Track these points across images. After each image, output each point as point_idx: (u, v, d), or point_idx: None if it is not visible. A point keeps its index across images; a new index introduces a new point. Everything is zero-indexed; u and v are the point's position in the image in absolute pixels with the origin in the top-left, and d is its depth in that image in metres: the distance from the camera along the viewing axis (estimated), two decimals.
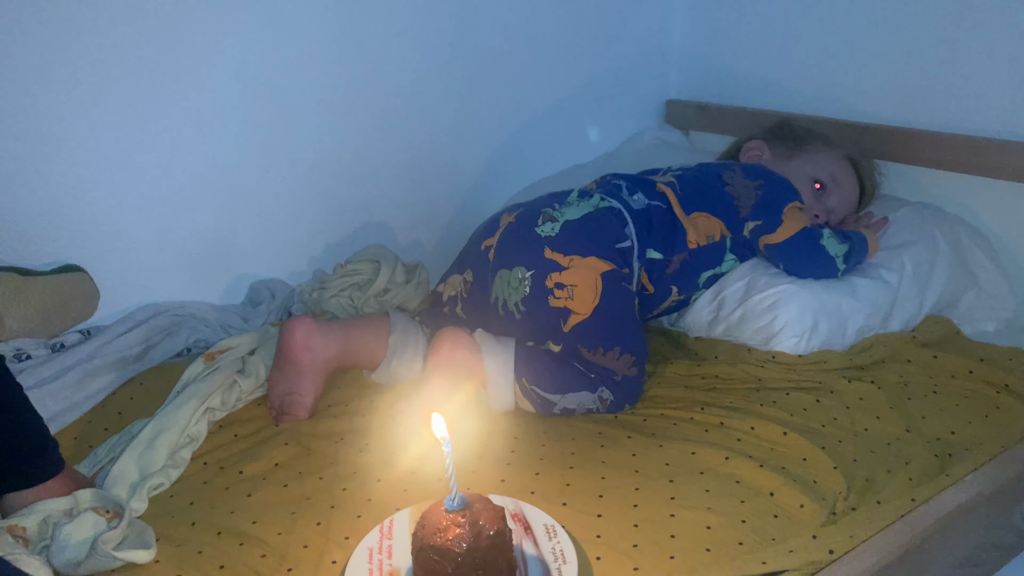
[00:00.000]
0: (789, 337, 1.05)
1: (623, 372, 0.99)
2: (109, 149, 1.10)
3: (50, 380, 1.00)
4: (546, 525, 0.74)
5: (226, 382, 0.99)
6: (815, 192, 1.22)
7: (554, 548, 0.71)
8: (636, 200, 1.10)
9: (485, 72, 1.42)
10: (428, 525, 0.63)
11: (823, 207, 1.23)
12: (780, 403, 0.97)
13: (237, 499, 0.83)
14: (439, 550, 0.61)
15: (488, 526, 0.62)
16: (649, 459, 0.88)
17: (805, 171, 1.23)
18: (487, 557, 0.62)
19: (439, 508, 0.63)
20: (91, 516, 0.76)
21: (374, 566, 0.69)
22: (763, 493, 0.82)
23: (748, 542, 0.76)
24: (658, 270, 1.08)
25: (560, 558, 0.70)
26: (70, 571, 0.74)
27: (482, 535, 0.62)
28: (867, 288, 1.10)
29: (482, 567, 0.62)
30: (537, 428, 0.95)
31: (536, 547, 0.71)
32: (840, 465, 0.87)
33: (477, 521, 0.62)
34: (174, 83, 1.12)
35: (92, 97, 1.07)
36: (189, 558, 0.75)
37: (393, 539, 0.72)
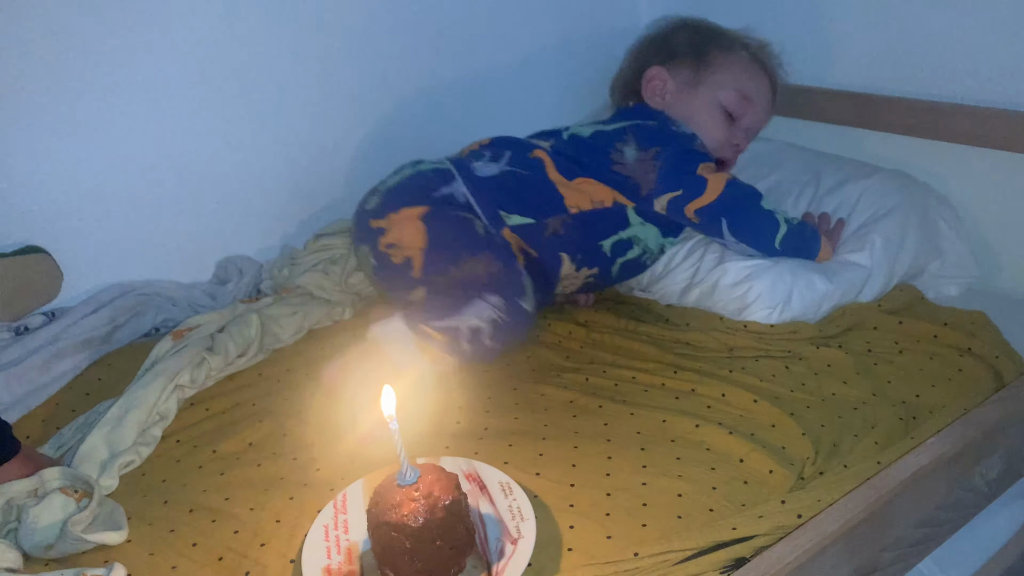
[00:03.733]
0: (762, 308, 1.06)
1: (488, 271, 0.98)
2: (67, 126, 1.07)
3: (14, 363, 0.98)
4: (501, 483, 0.74)
5: (195, 359, 0.98)
6: (727, 122, 1.16)
7: (511, 505, 0.72)
8: (486, 167, 1.10)
9: (451, 44, 1.40)
10: (382, 502, 0.63)
11: (741, 134, 1.18)
12: (749, 369, 0.98)
13: (210, 477, 0.83)
14: (396, 526, 0.61)
15: (443, 496, 0.63)
16: (621, 428, 0.89)
17: (716, 99, 1.15)
18: (444, 527, 0.63)
19: (391, 483, 0.64)
20: (59, 497, 0.75)
21: (331, 543, 0.69)
22: (733, 460, 0.84)
23: (719, 508, 0.77)
24: (534, 234, 1.07)
25: (517, 515, 0.71)
26: (40, 554, 0.73)
27: (437, 506, 0.62)
28: (846, 270, 1.10)
29: (440, 536, 0.62)
30: (509, 401, 0.96)
31: (492, 505, 0.72)
32: (808, 431, 0.88)
33: (431, 493, 0.63)
34: (132, 58, 1.09)
35: (48, 74, 1.04)
36: (162, 537, 0.75)
37: (348, 513, 0.72)
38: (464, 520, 0.65)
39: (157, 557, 0.72)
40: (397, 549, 0.62)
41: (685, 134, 1.13)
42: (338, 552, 0.68)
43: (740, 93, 1.16)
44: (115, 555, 0.73)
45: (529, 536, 0.68)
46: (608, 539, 0.73)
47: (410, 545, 0.62)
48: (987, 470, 0.87)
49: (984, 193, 1.24)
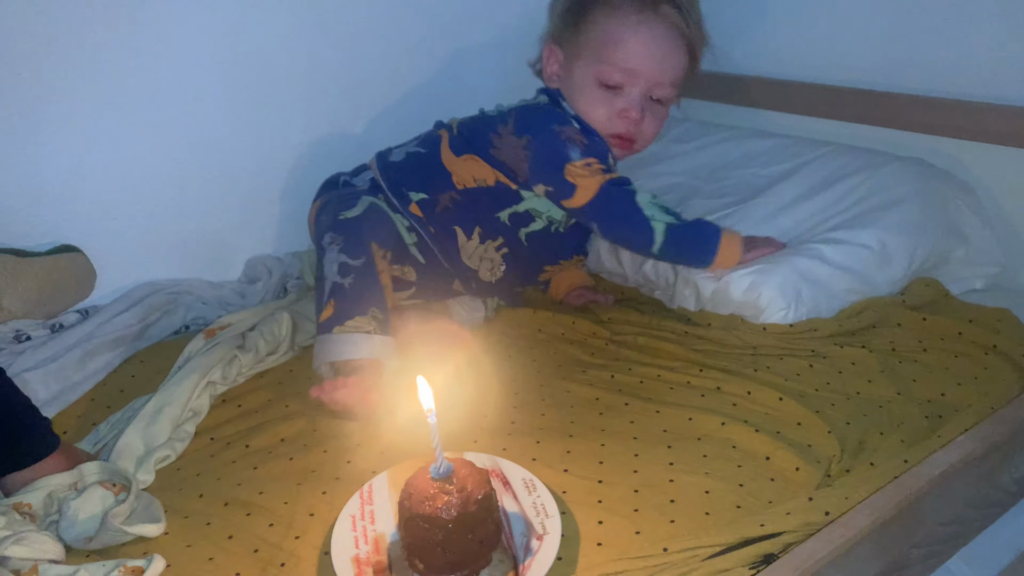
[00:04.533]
0: (777, 311, 1.06)
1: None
2: (99, 131, 1.09)
3: (50, 360, 1.00)
4: (524, 480, 0.74)
5: (226, 356, 1.00)
6: (608, 95, 1.06)
7: (535, 502, 0.72)
8: (398, 151, 1.15)
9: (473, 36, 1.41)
10: (415, 494, 0.63)
11: (631, 104, 1.06)
12: (774, 368, 0.98)
13: (243, 471, 0.84)
14: (429, 518, 0.62)
15: (476, 491, 0.64)
16: (647, 426, 0.90)
17: (590, 73, 1.06)
18: (476, 521, 0.63)
19: (425, 476, 0.64)
20: (98, 490, 0.77)
21: (359, 533, 0.70)
22: (759, 457, 0.84)
23: (746, 505, 0.78)
24: (429, 209, 1.09)
25: (542, 511, 0.71)
26: (81, 546, 0.75)
27: (470, 500, 0.63)
28: (840, 254, 1.10)
29: (472, 530, 0.63)
30: (535, 398, 0.97)
31: (517, 503, 0.72)
32: (834, 428, 0.88)
33: (465, 487, 0.63)
34: (162, 60, 1.11)
35: (80, 77, 1.06)
36: (198, 529, 0.76)
37: (374, 504, 0.73)
38: (493, 515, 0.66)
39: (194, 549, 0.74)
40: (429, 541, 0.63)
41: (563, 121, 1.07)
42: (366, 542, 0.69)
43: (616, 63, 1.04)
44: (153, 547, 0.74)
45: (555, 532, 0.69)
46: (637, 534, 0.74)
47: (442, 537, 0.62)
48: (1015, 468, 0.87)
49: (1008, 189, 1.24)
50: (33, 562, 0.70)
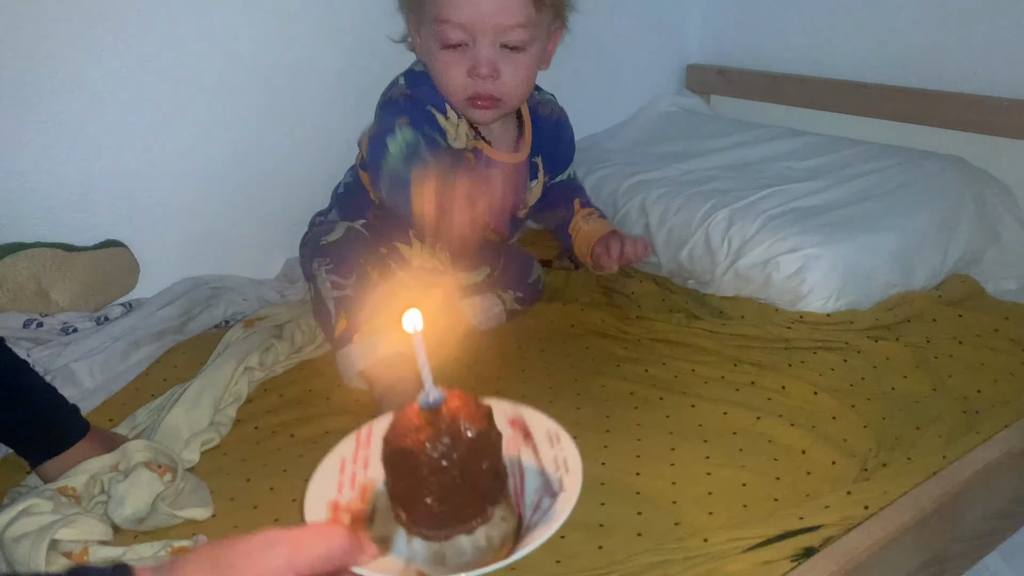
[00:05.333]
0: (817, 299, 1.06)
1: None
2: (144, 127, 1.11)
3: (96, 352, 1.03)
4: (549, 432, 0.62)
5: (264, 344, 1.02)
6: (455, 56, 0.95)
7: (556, 456, 0.60)
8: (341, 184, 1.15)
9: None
10: (399, 426, 0.54)
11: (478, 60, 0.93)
12: (808, 362, 0.99)
13: (289, 460, 0.86)
14: (411, 454, 0.52)
15: (469, 425, 0.53)
16: (682, 420, 0.90)
17: (433, 38, 0.95)
18: (466, 461, 0.52)
19: (413, 407, 0.55)
20: (144, 472, 0.79)
21: (345, 477, 0.59)
22: (795, 451, 0.85)
23: (783, 498, 0.78)
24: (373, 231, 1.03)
25: (563, 466, 0.58)
26: (131, 527, 0.77)
27: (461, 436, 0.52)
28: (889, 243, 1.10)
29: (461, 471, 0.52)
30: (571, 392, 0.98)
31: (536, 455, 0.60)
32: (869, 423, 0.89)
33: (456, 420, 0.53)
34: (208, 60, 1.13)
35: (126, 73, 1.08)
36: (244, 512, 0.78)
37: (371, 448, 0.61)
38: (493, 459, 0.54)
39: (240, 530, 0.75)
40: (411, 482, 0.52)
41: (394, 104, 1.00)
42: (351, 487, 0.58)
43: (449, 19, 0.93)
44: (200, 528, 0.76)
45: (572, 490, 0.55)
46: (676, 525, 0.75)
47: (427, 479, 0.52)
48: None
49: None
50: (83, 544, 0.71)
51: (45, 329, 1.05)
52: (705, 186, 1.25)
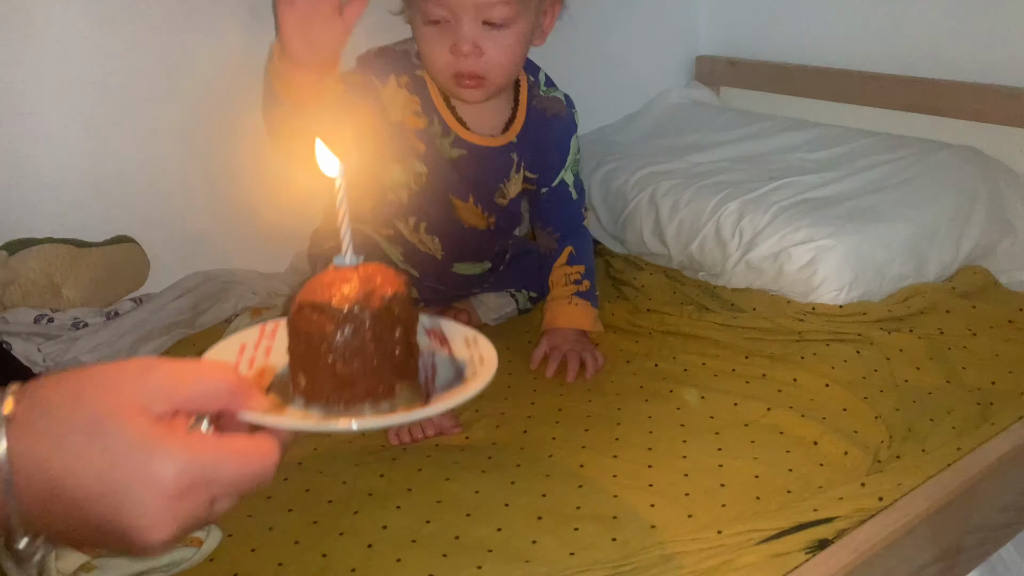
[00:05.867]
0: (829, 291, 1.06)
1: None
2: (153, 124, 1.11)
3: (105, 346, 1.03)
4: (467, 337, 0.57)
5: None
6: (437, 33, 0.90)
7: (472, 356, 0.55)
8: None
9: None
10: (310, 286, 0.50)
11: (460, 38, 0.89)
12: (820, 354, 0.98)
13: (302, 450, 0.86)
14: (319, 307, 0.48)
15: (384, 288, 0.49)
16: (693, 413, 0.90)
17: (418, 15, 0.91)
18: (378, 322, 0.48)
19: (328, 269, 0.51)
20: None
21: (244, 359, 0.54)
22: (807, 443, 0.84)
23: (796, 490, 0.78)
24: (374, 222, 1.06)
25: (477, 362, 0.54)
26: None
27: (375, 294, 0.49)
28: (901, 235, 1.10)
29: (372, 332, 0.48)
30: (580, 385, 0.97)
31: (451, 355, 0.56)
32: (881, 414, 0.88)
33: (372, 278, 0.49)
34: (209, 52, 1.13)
35: (136, 68, 1.08)
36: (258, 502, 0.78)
37: (276, 340, 0.56)
38: (405, 329, 0.50)
39: (255, 519, 0.76)
40: (315, 340, 0.48)
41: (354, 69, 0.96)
42: (249, 367, 0.53)
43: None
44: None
45: (485, 375, 0.51)
46: (689, 517, 0.75)
47: (332, 330, 0.48)
48: None
49: None
50: None
51: (56, 324, 1.06)
52: (715, 178, 1.25)
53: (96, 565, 0.68)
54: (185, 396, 0.40)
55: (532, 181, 1.05)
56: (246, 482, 0.41)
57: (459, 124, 0.97)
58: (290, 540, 0.73)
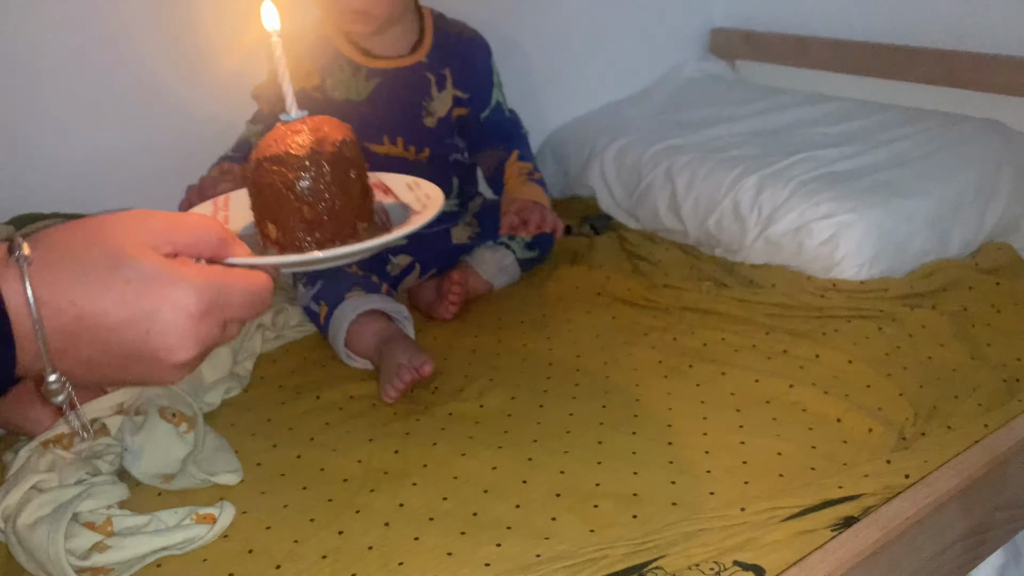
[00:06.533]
0: (850, 267, 1.04)
1: None
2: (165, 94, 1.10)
3: None
4: (408, 183, 0.61)
5: (276, 306, 1.04)
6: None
7: (418, 196, 0.59)
8: None
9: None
10: (263, 144, 0.53)
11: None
12: (842, 331, 0.96)
13: (315, 425, 0.86)
14: (278, 158, 0.51)
15: (334, 133, 0.53)
16: (714, 389, 0.89)
17: None
18: (336, 166, 0.52)
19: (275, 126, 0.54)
20: (160, 424, 0.78)
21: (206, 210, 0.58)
22: (830, 420, 0.83)
23: (820, 467, 0.77)
24: None
25: (424, 200, 0.59)
26: (155, 483, 0.76)
27: (327, 140, 0.52)
28: (924, 209, 1.07)
29: (333, 177, 0.52)
30: (598, 360, 0.96)
31: (397, 199, 0.60)
32: (906, 392, 0.86)
33: (320, 127, 0.53)
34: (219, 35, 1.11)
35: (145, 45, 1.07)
36: (272, 480, 0.78)
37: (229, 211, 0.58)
38: (359, 172, 0.54)
39: (269, 496, 0.75)
40: (279, 189, 0.51)
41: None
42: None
43: None
44: (227, 492, 0.75)
45: (435, 206, 0.56)
46: (711, 495, 0.73)
47: (294, 179, 0.51)
48: None
49: None
50: (106, 515, 0.70)
51: None
52: (732, 152, 1.22)
53: (110, 545, 0.67)
54: (183, 241, 0.43)
55: (466, 102, 1.10)
56: (250, 307, 0.44)
57: (366, 56, 1.04)
58: (305, 518, 0.72)
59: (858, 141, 1.22)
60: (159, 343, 0.40)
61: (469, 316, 1.08)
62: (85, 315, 0.39)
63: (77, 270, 0.39)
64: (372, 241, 0.52)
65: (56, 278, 0.39)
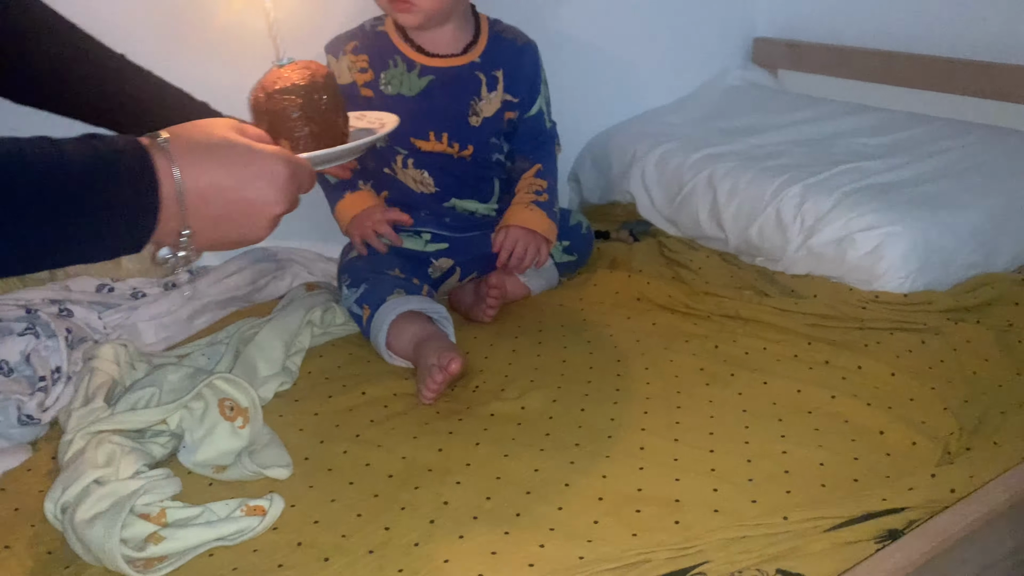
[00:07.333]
0: (894, 279, 1.03)
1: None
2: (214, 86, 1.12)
3: (163, 315, 1.05)
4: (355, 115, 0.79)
5: (325, 305, 1.06)
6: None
7: (371, 120, 0.79)
8: None
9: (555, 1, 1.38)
10: (265, 82, 0.70)
11: None
12: (885, 343, 0.96)
13: (360, 422, 0.87)
14: (284, 89, 0.69)
15: (320, 69, 0.71)
16: (756, 398, 0.89)
17: None
18: (327, 92, 0.70)
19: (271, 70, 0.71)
20: (221, 423, 0.80)
21: None
22: (872, 432, 0.83)
23: (863, 479, 0.76)
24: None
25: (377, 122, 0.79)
26: (206, 472, 0.79)
27: (317, 74, 0.71)
28: (970, 222, 1.07)
29: (328, 99, 0.70)
30: (639, 366, 0.96)
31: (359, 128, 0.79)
32: (950, 406, 0.86)
33: (308, 67, 0.71)
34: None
35: (207, 48, 1.09)
36: (319, 474, 0.79)
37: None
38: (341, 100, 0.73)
39: (316, 491, 0.77)
40: (288, 113, 0.69)
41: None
42: None
43: None
44: (275, 485, 0.77)
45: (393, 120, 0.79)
46: (753, 503, 0.73)
47: (301, 101, 0.69)
48: None
49: None
50: (160, 506, 0.72)
51: (116, 294, 1.07)
52: (775, 161, 1.22)
53: (165, 536, 0.69)
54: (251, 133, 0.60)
55: (516, 106, 1.12)
56: (309, 181, 0.63)
57: (420, 53, 1.06)
58: (352, 512, 0.73)
59: (903, 152, 1.22)
60: (263, 197, 0.57)
61: (509, 318, 1.09)
62: (212, 183, 0.55)
63: (201, 151, 0.55)
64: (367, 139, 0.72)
65: (189, 157, 0.54)
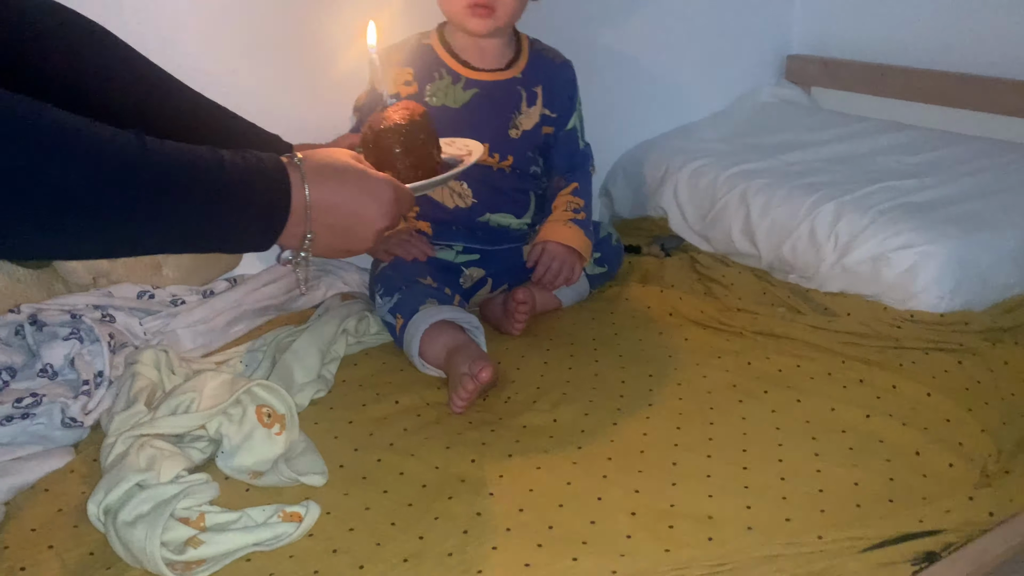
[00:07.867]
0: (929, 299, 1.03)
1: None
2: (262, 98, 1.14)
3: (200, 323, 1.06)
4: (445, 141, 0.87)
5: (359, 314, 1.07)
6: None
7: (459, 148, 0.89)
8: None
9: (589, 17, 1.39)
10: (374, 120, 0.81)
11: None
12: (920, 363, 0.95)
13: (394, 431, 0.88)
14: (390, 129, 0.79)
15: (416, 109, 0.82)
16: (789, 415, 0.88)
17: None
18: (424, 129, 0.81)
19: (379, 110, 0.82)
20: (258, 430, 0.81)
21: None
22: (908, 452, 0.82)
23: (898, 500, 0.76)
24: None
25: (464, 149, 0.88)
26: (242, 477, 0.80)
27: (416, 113, 0.81)
28: (1008, 242, 1.06)
29: (424, 135, 0.81)
30: (671, 381, 0.96)
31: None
32: (988, 427, 0.85)
33: (407, 106, 0.82)
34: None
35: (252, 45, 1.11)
36: (354, 482, 0.80)
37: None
38: (434, 134, 0.83)
39: (351, 498, 0.77)
40: (392, 149, 0.79)
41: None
42: None
43: None
44: (310, 492, 0.78)
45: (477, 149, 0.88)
46: (787, 521, 0.73)
47: (402, 139, 0.79)
48: None
49: None
50: (199, 511, 0.73)
51: (156, 300, 1.09)
52: (810, 178, 1.22)
53: (204, 540, 0.70)
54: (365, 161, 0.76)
55: (553, 121, 1.15)
56: (408, 205, 0.75)
57: (465, 67, 1.10)
58: (386, 521, 0.74)
59: (938, 171, 1.21)
60: (372, 214, 0.70)
61: (541, 330, 1.09)
62: (333, 198, 0.68)
63: (327, 171, 0.68)
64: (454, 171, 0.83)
65: (317, 175, 0.67)
